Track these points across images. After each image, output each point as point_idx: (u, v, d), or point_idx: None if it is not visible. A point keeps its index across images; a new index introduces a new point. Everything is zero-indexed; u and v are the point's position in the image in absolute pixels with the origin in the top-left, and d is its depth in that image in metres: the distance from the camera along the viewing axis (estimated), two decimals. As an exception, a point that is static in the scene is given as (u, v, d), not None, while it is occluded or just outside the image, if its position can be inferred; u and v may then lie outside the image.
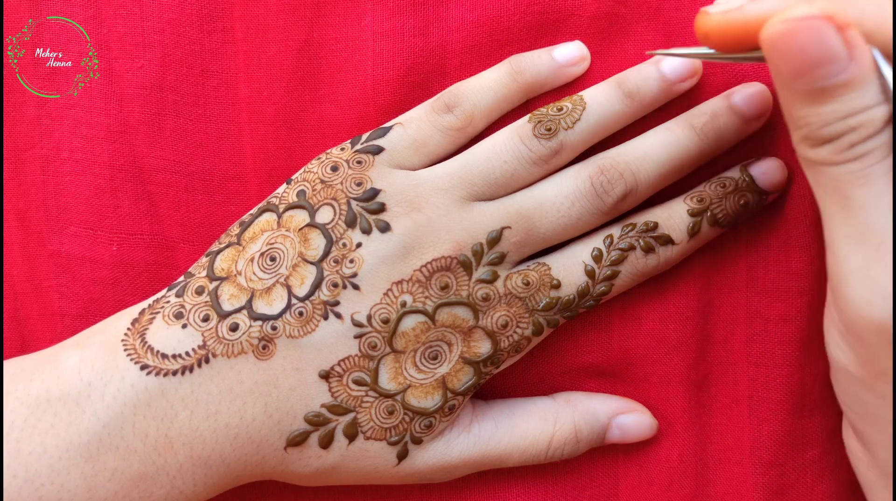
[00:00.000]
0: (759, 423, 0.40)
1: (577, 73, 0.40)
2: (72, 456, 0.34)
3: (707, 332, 0.41)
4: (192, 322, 0.36)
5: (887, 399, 0.30)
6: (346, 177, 0.37)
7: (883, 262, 0.27)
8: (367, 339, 0.36)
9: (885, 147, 0.27)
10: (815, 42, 0.27)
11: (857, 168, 0.28)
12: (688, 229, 0.38)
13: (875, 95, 0.27)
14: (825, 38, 0.27)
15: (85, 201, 0.42)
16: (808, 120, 0.28)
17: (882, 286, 0.27)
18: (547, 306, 0.37)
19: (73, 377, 0.35)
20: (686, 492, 0.41)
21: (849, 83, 0.27)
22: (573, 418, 0.40)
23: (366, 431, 0.36)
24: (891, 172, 0.27)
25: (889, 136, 0.27)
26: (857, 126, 0.27)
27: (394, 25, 0.40)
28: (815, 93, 0.28)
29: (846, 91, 0.27)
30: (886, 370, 0.29)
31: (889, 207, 0.27)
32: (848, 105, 0.27)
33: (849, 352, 0.31)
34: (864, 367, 0.30)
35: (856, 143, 0.28)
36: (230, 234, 0.38)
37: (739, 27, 0.30)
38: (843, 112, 0.27)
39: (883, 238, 0.27)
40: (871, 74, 0.27)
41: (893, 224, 0.27)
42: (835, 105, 0.27)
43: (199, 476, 0.35)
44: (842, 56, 0.27)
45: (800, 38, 0.27)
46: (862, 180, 0.28)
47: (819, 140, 0.28)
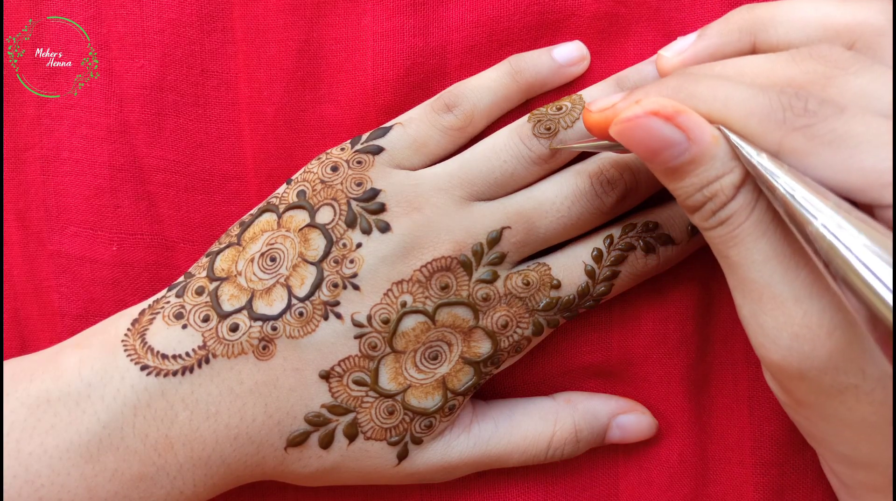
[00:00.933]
0: (759, 423, 0.40)
1: (577, 73, 0.40)
2: (72, 457, 0.34)
3: (707, 332, 0.41)
4: (193, 323, 0.36)
5: (815, 422, 0.32)
6: (346, 177, 0.37)
7: (765, 311, 0.30)
8: (367, 339, 0.36)
9: (743, 210, 0.30)
10: (647, 135, 0.30)
11: (724, 232, 0.30)
12: (688, 229, 0.38)
13: (720, 167, 0.29)
14: (654, 130, 0.30)
15: (85, 201, 0.42)
16: (676, 193, 0.31)
17: (769, 334, 0.30)
18: (547, 307, 0.37)
19: (73, 378, 0.35)
20: (686, 492, 0.41)
21: (692, 160, 0.30)
22: (573, 418, 0.40)
23: (366, 431, 0.36)
24: (756, 231, 0.30)
25: (745, 198, 0.30)
26: (711, 195, 0.30)
27: (393, 25, 0.40)
28: (671, 171, 0.30)
29: (694, 167, 0.30)
30: (803, 400, 0.31)
31: (762, 262, 0.29)
32: (699, 178, 0.30)
33: (772, 382, 0.33)
34: (786, 396, 0.32)
35: (716, 210, 0.30)
36: (230, 234, 0.38)
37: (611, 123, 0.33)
38: (698, 185, 0.30)
39: (762, 291, 0.30)
40: (713, 149, 0.29)
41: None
42: (689, 180, 0.30)
43: (200, 477, 0.35)
44: (678, 140, 0.29)
45: (634, 133, 0.30)
46: (731, 242, 0.30)
47: (689, 209, 0.31)
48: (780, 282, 0.29)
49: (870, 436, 0.30)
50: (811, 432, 0.33)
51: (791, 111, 0.28)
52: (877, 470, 0.31)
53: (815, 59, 0.30)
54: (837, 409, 0.30)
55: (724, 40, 0.34)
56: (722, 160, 0.29)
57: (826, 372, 0.29)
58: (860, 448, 0.31)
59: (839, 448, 0.31)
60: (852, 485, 0.33)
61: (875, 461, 0.31)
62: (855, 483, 0.32)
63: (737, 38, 0.34)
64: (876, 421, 0.29)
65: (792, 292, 0.29)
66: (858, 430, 0.30)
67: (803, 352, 0.29)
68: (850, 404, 0.29)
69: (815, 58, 0.30)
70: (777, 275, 0.29)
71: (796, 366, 0.29)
